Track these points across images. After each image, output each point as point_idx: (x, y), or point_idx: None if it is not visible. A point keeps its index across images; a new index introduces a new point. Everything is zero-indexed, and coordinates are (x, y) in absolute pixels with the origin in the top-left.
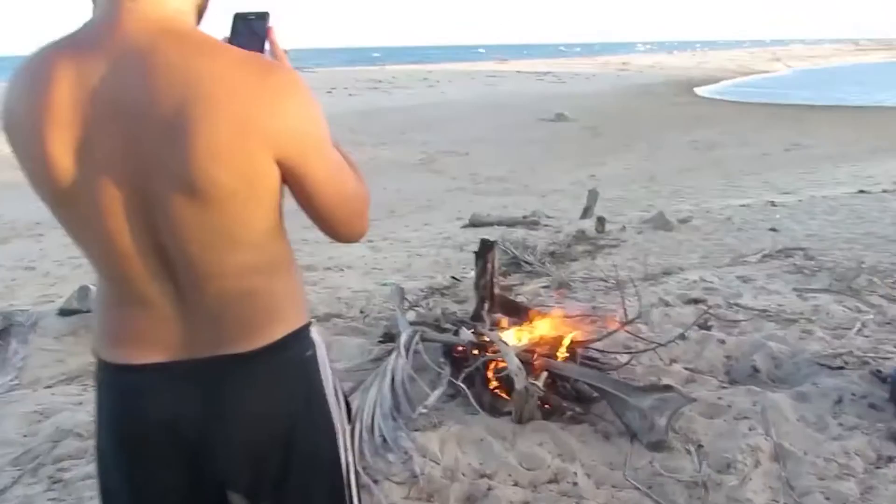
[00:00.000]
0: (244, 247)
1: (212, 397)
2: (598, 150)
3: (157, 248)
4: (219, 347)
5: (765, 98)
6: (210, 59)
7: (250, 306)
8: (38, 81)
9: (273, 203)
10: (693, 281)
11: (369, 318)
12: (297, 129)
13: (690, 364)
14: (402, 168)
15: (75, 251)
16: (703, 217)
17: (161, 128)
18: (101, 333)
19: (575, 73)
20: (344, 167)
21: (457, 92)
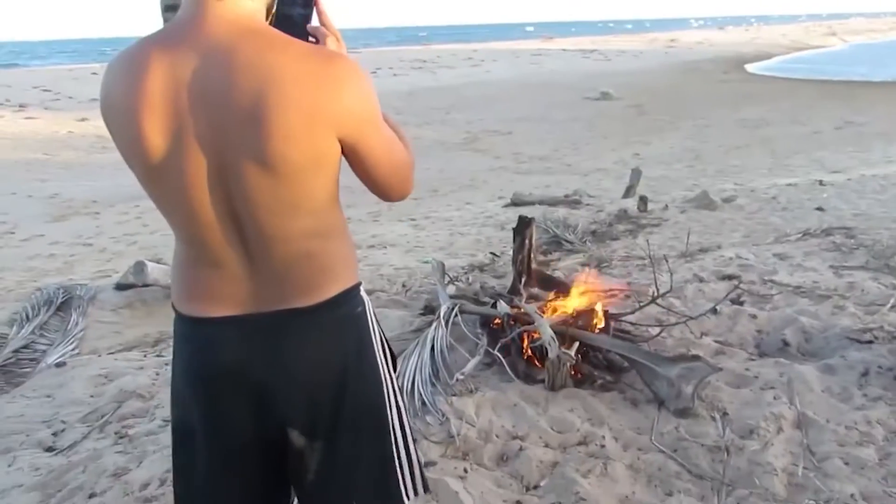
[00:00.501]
0: (307, 214)
1: (275, 346)
2: (642, 129)
3: (232, 215)
4: (282, 303)
5: (817, 74)
6: (281, 54)
7: (310, 267)
8: (135, 70)
9: (333, 175)
10: (729, 258)
11: (411, 292)
12: (356, 110)
13: (721, 337)
14: (445, 147)
15: (130, 228)
16: (747, 196)
17: (241, 114)
18: (178, 290)
19: (621, 50)
20: (394, 140)
21: (501, 71)
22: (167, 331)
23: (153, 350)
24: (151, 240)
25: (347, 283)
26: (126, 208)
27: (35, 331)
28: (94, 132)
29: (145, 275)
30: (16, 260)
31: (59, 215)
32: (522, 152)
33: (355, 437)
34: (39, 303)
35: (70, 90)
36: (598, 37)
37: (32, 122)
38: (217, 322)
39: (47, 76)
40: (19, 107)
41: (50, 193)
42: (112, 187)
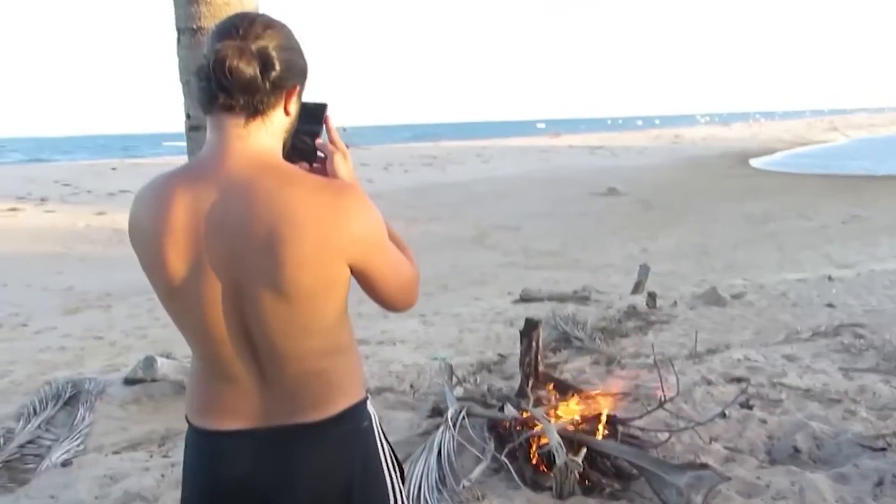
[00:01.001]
0: (317, 334)
1: (284, 460)
2: (650, 224)
3: (246, 335)
4: (291, 417)
5: (821, 169)
6: (296, 188)
7: (319, 383)
8: (160, 202)
9: (342, 298)
10: (738, 359)
11: (419, 393)
12: (364, 238)
13: (731, 443)
14: (454, 243)
15: (142, 321)
16: (757, 292)
17: (257, 243)
18: (192, 402)
19: (627, 146)
20: (400, 259)
21: (510, 167)
22: (174, 427)
23: (159, 450)
24: (162, 333)
25: (355, 397)
26: (139, 301)
27: (41, 426)
28: (111, 226)
29: (154, 370)
30: (27, 353)
31: (72, 308)
32: (531, 247)
33: None
34: (47, 397)
35: (89, 184)
36: (604, 133)
37: (52, 216)
38: (228, 435)
39: (68, 171)
40: (40, 200)
41: (65, 286)
42: (126, 280)
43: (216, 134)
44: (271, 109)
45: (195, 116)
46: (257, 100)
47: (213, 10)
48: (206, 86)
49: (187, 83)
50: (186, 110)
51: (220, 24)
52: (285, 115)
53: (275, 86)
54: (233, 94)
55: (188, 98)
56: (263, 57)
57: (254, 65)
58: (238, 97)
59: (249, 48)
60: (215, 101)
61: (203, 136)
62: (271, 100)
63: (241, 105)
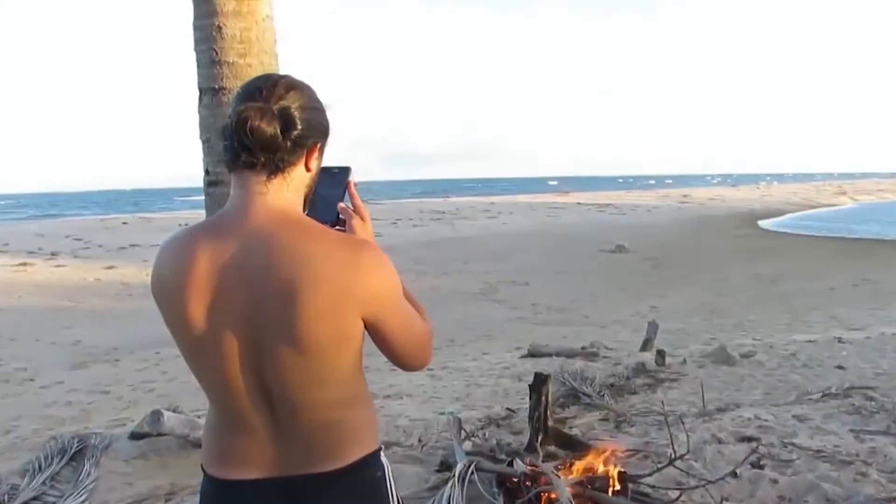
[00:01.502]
0: (332, 385)
1: None
2: (658, 282)
3: (262, 386)
4: (306, 467)
5: (830, 232)
6: (315, 242)
7: (334, 433)
8: (184, 255)
9: (357, 350)
10: (748, 418)
11: (427, 447)
12: (380, 294)
13: (742, 502)
14: (463, 297)
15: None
16: (766, 352)
17: (276, 295)
18: (208, 451)
19: (636, 205)
20: (413, 317)
21: (518, 223)
22: (179, 483)
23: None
24: (169, 387)
25: (369, 448)
26: (146, 355)
27: (46, 482)
28: (120, 279)
29: (161, 424)
30: (33, 408)
31: (79, 362)
32: (540, 303)
33: None
34: (53, 452)
35: (100, 239)
36: (613, 192)
37: (62, 270)
38: (243, 484)
39: (80, 226)
40: (51, 255)
41: (73, 340)
42: (134, 334)
43: (239, 190)
44: (292, 166)
45: (214, 172)
46: (278, 157)
47: (235, 72)
48: (230, 145)
49: (207, 140)
50: (205, 166)
51: (244, 86)
52: (306, 171)
53: (295, 144)
54: (254, 152)
55: (207, 155)
56: (285, 117)
57: (275, 125)
58: (259, 155)
59: (271, 109)
60: (238, 160)
61: (221, 191)
62: (292, 157)
63: (262, 163)
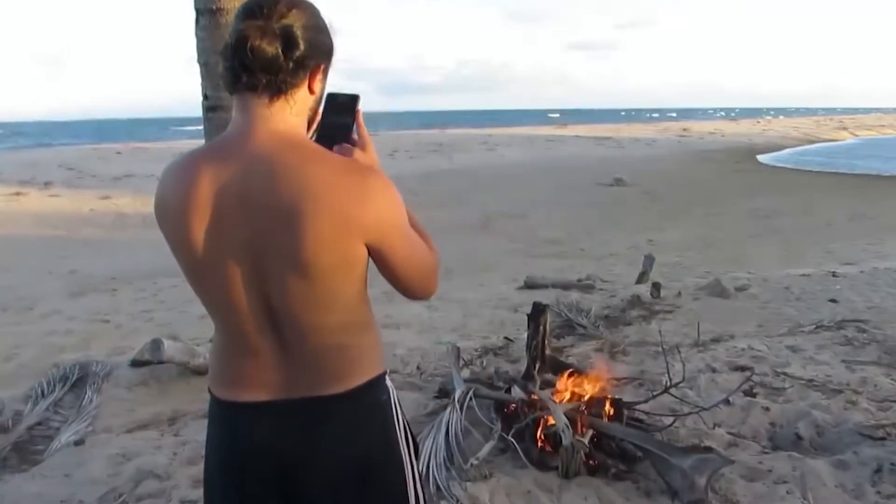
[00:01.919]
0: (336, 310)
1: (304, 431)
2: (655, 216)
3: (268, 309)
4: (312, 390)
5: (829, 167)
6: (319, 166)
7: (339, 357)
8: (185, 179)
9: (361, 275)
10: (742, 349)
11: (425, 375)
12: (384, 220)
13: (734, 429)
14: (460, 230)
15: (147, 305)
16: (760, 286)
17: (279, 219)
18: (215, 375)
19: (635, 138)
20: (418, 244)
21: (515, 155)
22: (181, 409)
23: (170, 429)
24: (168, 317)
25: (374, 372)
26: (144, 285)
27: (49, 407)
28: (115, 210)
29: (161, 352)
30: (33, 336)
31: (77, 292)
32: (536, 235)
33: None
34: (55, 379)
35: (94, 169)
36: (612, 124)
37: (56, 200)
38: (249, 406)
39: (73, 155)
40: (44, 185)
41: (69, 270)
42: (131, 264)
43: (241, 114)
44: (295, 88)
45: (213, 97)
46: (280, 79)
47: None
48: (231, 66)
49: (205, 64)
50: (204, 91)
51: (244, 4)
52: (310, 94)
53: (298, 65)
54: (255, 73)
55: (205, 79)
56: (287, 36)
57: (276, 44)
58: (261, 76)
59: (272, 27)
60: (239, 81)
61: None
62: (295, 79)
63: (264, 84)
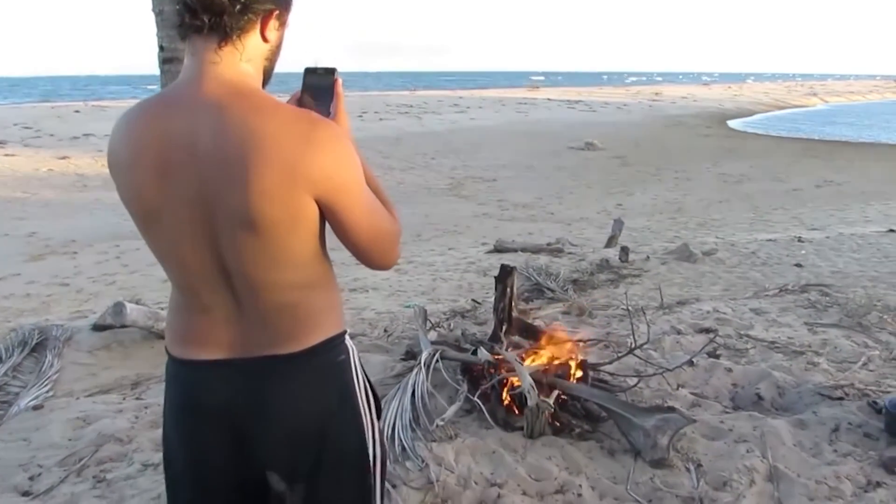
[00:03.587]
0: (290, 266)
1: (258, 391)
2: (625, 180)
3: (220, 265)
4: (267, 348)
5: (798, 133)
6: (268, 116)
7: (293, 315)
8: (134, 130)
9: (313, 232)
10: (707, 311)
11: (392, 337)
12: (333, 174)
13: (697, 390)
14: (430, 193)
15: (109, 268)
16: (727, 250)
17: (226, 171)
18: (171, 333)
19: (606, 102)
20: (377, 208)
21: (486, 118)
22: (144, 373)
23: (132, 393)
24: (130, 280)
25: (330, 331)
26: (105, 248)
27: (8, 372)
28: (75, 170)
29: (123, 316)
30: None
31: (36, 254)
32: (506, 199)
33: (336, 483)
34: (14, 343)
35: (51, 128)
36: (584, 88)
37: (12, 160)
38: (204, 364)
39: (29, 113)
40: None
41: (27, 232)
42: (91, 226)
43: (191, 59)
44: (244, 34)
45: (168, 48)
46: (226, 22)
47: None
48: (177, 7)
49: (160, 13)
50: (160, 42)
51: None
52: (263, 42)
53: (245, 8)
54: (198, 13)
55: (161, 29)
56: None
57: None
58: (203, 16)
59: None
60: (183, 22)
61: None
62: (241, 23)
63: (208, 26)
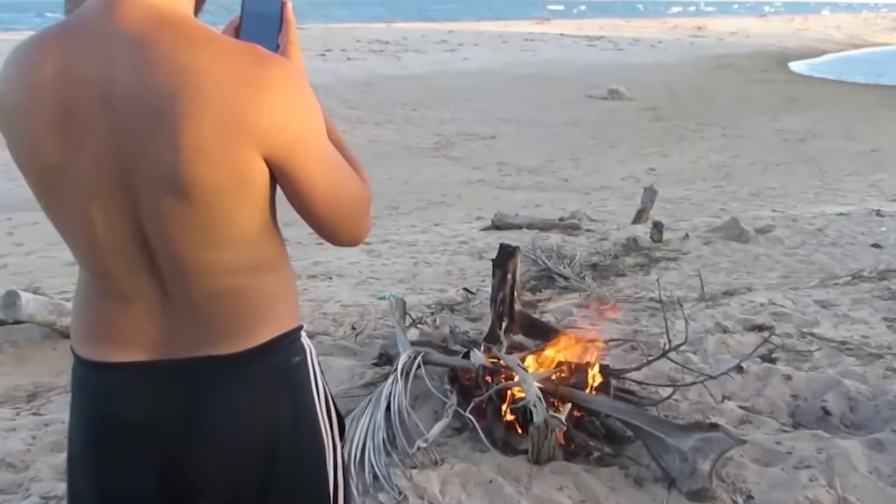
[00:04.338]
0: (231, 244)
1: (191, 400)
2: (659, 138)
3: (142, 240)
4: (201, 348)
5: (879, 79)
6: (202, 51)
7: (236, 306)
8: (30, 66)
9: (262, 201)
10: (761, 304)
11: (362, 337)
12: (289, 125)
13: (747, 402)
14: (410, 153)
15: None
16: (787, 227)
17: (147, 120)
18: (78, 328)
19: (635, 38)
20: (341, 168)
21: (484, 58)
22: (44, 382)
23: (28, 407)
24: (27, 263)
25: (284, 326)
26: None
27: None
28: None
29: (17, 308)
30: None
31: None
32: (508, 162)
33: None
34: None
35: None
36: (608, 20)
37: None
38: (122, 368)
39: None
40: None
41: None
42: None
43: None
44: None
45: None
46: None
47: None
48: None
49: None
50: None
51: None
52: None
53: None
54: None
55: None
56: None
57: None
58: None
59: None
60: None
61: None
62: None
63: None
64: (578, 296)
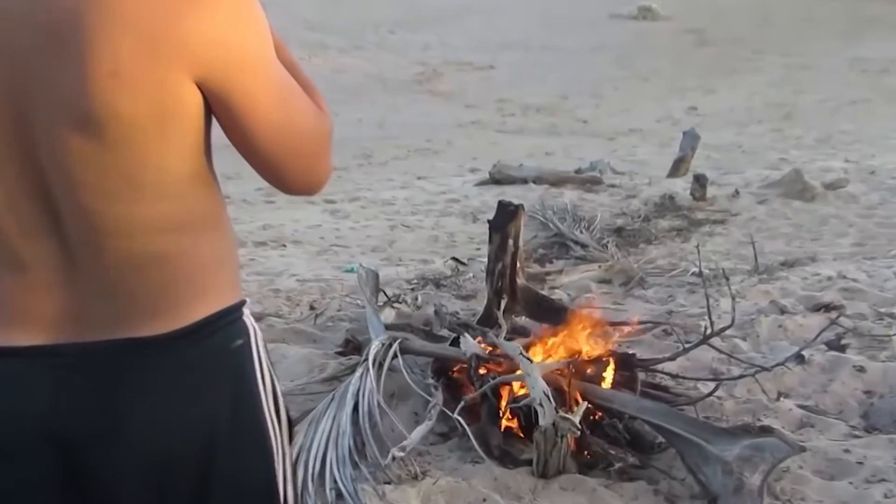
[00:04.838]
0: (155, 196)
1: (105, 395)
2: (703, 69)
3: (41, 194)
4: (117, 329)
5: None
6: None
7: (161, 275)
8: None
9: (194, 138)
10: (828, 277)
11: (323, 319)
12: (226, 42)
13: (809, 400)
14: (386, 88)
15: None
16: (864, 181)
17: (49, 39)
18: None
19: None
20: (294, 93)
21: None
22: None
23: None
24: None
25: (222, 301)
26: None
27: None
28: None
29: None
30: None
31: None
32: (510, 99)
33: None
34: None
35: None
36: None
37: None
38: (17, 354)
39: None
40: None
41: None
42: None
43: None
44: None
45: None
46: None
47: None
48: None
49: None
50: None
51: None
52: None
53: None
54: None
55: None
56: None
57: None
58: None
59: None
60: None
61: None
62: None
63: None
64: (598, 267)
